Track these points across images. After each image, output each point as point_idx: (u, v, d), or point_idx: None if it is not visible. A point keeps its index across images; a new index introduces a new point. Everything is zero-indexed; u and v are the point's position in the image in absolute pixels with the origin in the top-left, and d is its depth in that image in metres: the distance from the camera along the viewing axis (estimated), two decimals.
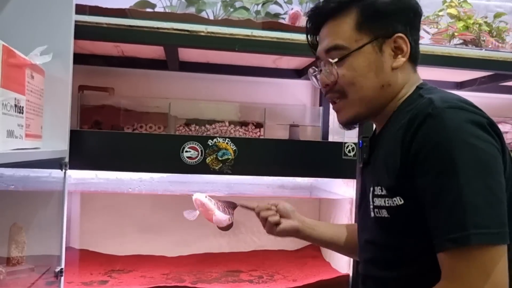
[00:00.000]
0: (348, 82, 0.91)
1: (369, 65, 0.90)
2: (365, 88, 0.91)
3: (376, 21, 0.91)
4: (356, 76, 0.90)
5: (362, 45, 0.90)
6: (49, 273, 1.28)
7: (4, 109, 0.86)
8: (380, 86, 0.91)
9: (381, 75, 0.91)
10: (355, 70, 0.90)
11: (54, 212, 1.29)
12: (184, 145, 1.38)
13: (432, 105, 0.80)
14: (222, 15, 1.70)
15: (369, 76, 0.90)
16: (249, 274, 1.74)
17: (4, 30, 1.17)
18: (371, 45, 0.90)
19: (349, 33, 0.91)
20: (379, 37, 0.91)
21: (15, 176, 1.32)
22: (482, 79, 1.93)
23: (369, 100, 0.92)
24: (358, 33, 0.90)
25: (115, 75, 1.88)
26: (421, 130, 0.79)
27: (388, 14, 0.92)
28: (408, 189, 0.80)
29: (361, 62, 0.90)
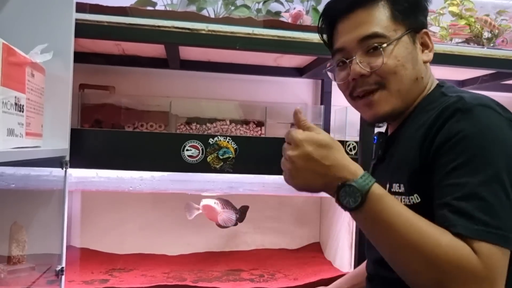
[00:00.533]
0: (390, 70, 0.88)
1: (408, 55, 0.89)
2: (404, 78, 0.89)
3: (409, 14, 0.91)
4: (398, 65, 0.88)
5: (401, 35, 0.89)
6: (50, 272, 1.28)
7: (4, 107, 0.86)
8: (415, 78, 0.90)
9: (417, 67, 0.90)
10: (397, 59, 0.88)
11: (55, 210, 1.29)
12: (185, 144, 1.38)
13: (462, 101, 0.78)
14: (223, 13, 1.70)
15: (408, 67, 0.89)
16: (250, 273, 1.74)
17: (4, 28, 1.17)
18: (407, 36, 0.90)
19: (386, 22, 0.89)
20: (411, 30, 0.90)
21: (15, 174, 1.32)
22: (484, 77, 1.92)
23: (406, 92, 0.90)
24: (394, 23, 0.89)
25: (115, 74, 1.88)
26: (448, 123, 0.77)
27: (417, 8, 0.92)
28: (427, 186, 0.78)
29: (402, 52, 0.89)
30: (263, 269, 1.79)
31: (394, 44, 0.88)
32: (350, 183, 0.71)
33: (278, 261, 1.90)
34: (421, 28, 0.92)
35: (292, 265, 1.85)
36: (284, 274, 1.74)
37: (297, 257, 1.95)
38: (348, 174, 0.72)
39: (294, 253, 2.02)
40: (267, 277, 1.71)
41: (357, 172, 0.73)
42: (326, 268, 1.81)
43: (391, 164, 0.92)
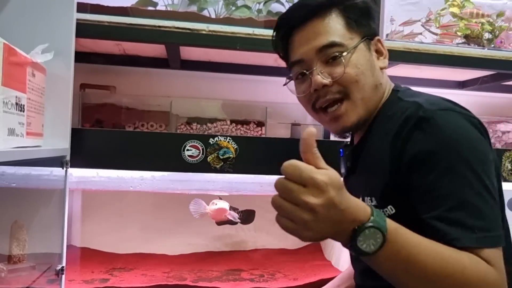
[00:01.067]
0: (352, 79, 0.88)
1: (367, 63, 0.90)
2: (366, 86, 0.89)
3: (362, 22, 0.92)
4: (358, 73, 0.88)
5: (358, 42, 0.89)
6: (50, 271, 1.29)
7: (5, 107, 0.86)
8: (375, 86, 0.90)
9: (375, 74, 0.91)
10: (357, 67, 0.88)
11: (55, 210, 1.29)
12: (186, 144, 1.38)
13: (422, 109, 0.78)
14: (224, 13, 1.70)
15: (368, 74, 0.89)
16: (250, 273, 1.74)
17: (5, 28, 1.17)
18: (363, 44, 0.90)
19: (342, 31, 0.89)
20: (366, 38, 0.91)
21: (16, 174, 1.32)
22: (485, 78, 1.92)
23: (369, 100, 0.90)
24: (349, 31, 0.90)
25: (116, 74, 1.88)
26: (415, 135, 0.77)
27: (369, 16, 0.93)
28: (401, 197, 0.78)
29: (361, 59, 0.89)
30: (263, 269, 1.79)
31: (352, 53, 0.88)
32: (368, 225, 0.62)
33: (278, 261, 1.90)
34: (374, 35, 0.93)
35: (292, 265, 1.85)
36: (284, 274, 1.74)
37: (297, 257, 1.95)
38: (363, 214, 0.63)
39: (294, 253, 2.02)
40: (267, 277, 1.71)
41: (366, 209, 0.64)
42: (326, 268, 1.82)
43: (362, 176, 0.93)
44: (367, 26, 0.92)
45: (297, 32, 0.93)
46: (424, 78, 2.00)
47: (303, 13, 0.91)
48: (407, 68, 1.75)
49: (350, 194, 0.66)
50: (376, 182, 0.84)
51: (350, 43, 0.89)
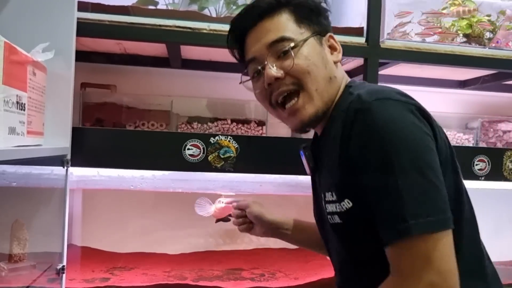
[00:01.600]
0: (303, 70, 0.90)
1: (318, 55, 0.92)
2: (319, 77, 0.91)
3: (311, 19, 0.95)
4: (309, 64, 0.90)
5: (308, 36, 0.92)
6: (51, 270, 1.29)
7: (5, 106, 0.86)
8: (328, 78, 0.92)
9: (328, 66, 0.93)
10: (307, 58, 0.90)
11: (56, 209, 1.29)
12: (186, 143, 1.38)
13: (360, 100, 0.80)
14: (225, 12, 1.70)
15: (320, 66, 0.91)
16: (251, 272, 1.74)
17: (6, 27, 1.17)
18: (313, 38, 0.93)
19: (292, 27, 0.92)
20: (317, 33, 0.94)
21: (17, 173, 1.32)
22: (486, 77, 1.92)
23: (323, 92, 0.91)
24: (299, 27, 0.93)
25: (117, 73, 1.88)
26: (354, 128, 0.79)
27: (319, 14, 0.96)
28: (354, 190, 0.80)
29: (311, 52, 0.91)
30: (264, 268, 1.79)
31: (301, 45, 0.91)
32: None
33: (279, 260, 1.90)
34: (325, 32, 0.96)
35: (293, 264, 1.85)
36: (285, 274, 1.74)
37: (298, 257, 1.95)
38: None
39: (295, 253, 2.01)
40: (267, 276, 1.71)
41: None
42: (327, 267, 1.81)
43: (322, 173, 0.95)
44: (318, 23, 0.95)
45: (249, 33, 0.96)
46: (425, 77, 1.99)
47: (254, 14, 0.95)
48: (408, 68, 1.75)
49: (317, 194, 0.77)
50: (332, 178, 0.86)
51: (300, 37, 0.92)
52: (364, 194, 0.78)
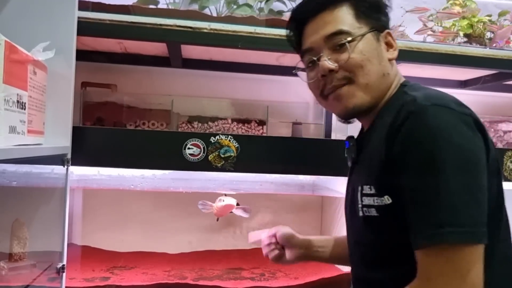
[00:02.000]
0: (357, 64, 0.91)
1: (373, 51, 0.93)
2: (371, 72, 0.92)
3: (371, 14, 0.95)
4: (364, 59, 0.91)
5: (365, 31, 0.93)
6: (51, 269, 1.29)
7: (6, 105, 0.86)
8: (382, 74, 0.93)
9: (383, 63, 0.94)
10: (363, 53, 0.91)
11: (56, 208, 1.29)
12: (187, 142, 1.38)
13: (415, 103, 0.80)
14: (225, 12, 1.70)
15: (374, 62, 0.92)
16: (251, 272, 1.74)
17: (6, 26, 1.17)
18: (371, 34, 0.94)
19: (351, 20, 0.93)
20: (374, 29, 0.94)
21: (17, 172, 1.32)
22: (486, 77, 1.92)
23: (374, 87, 0.92)
24: (358, 21, 0.93)
25: (117, 72, 1.88)
26: (403, 128, 0.79)
27: (379, 10, 0.97)
28: (395, 188, 0.80)
29: (367, 47, 0.92)
30: (264, 268, 1.79)
31: (358, 40, 0.92)
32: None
33: None
34: (383, 28, 0.96)
35: (293, 264, 1.84)
36: (285, 273, 1.74)
37: None
38: None
39: None
40: (267, 276, 1.71)
41: None
42: (327, 267, 1.81)
43: (363, 166, 0.95)
44: (376, 18, 0.96)
45: (309, 23, 0.97)
46: (426, 77, 1.99)
47: (315, 5, 0.96)
48: (409, 67, 1.75)
49: (352, 184, 0.77)
50: (373, 172, 0.86)
51: (357, 32, 0.92)
52: (403, 193, 0.78)
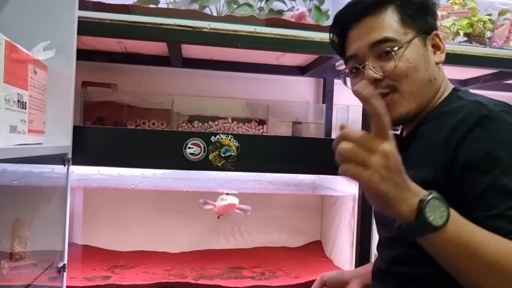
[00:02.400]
0: (402, 73, 0.89)
1: (420, 58, 0.90)
2: (417, 80, 0.89)
3: (418, 17, 0.92)
4: (409, 68, 0.88)
5: (412, 38, 0.90)
6: (52, 269, 1.29)
7: (7, 104, 0.86)
8: (428, 80, 0.91)
9: (429, 68, 0.91)
10: (409, 61, 0.89)
11: (57, 207, 1.29)
12: (187, 142, 1.38)
13: (485, 108, 0.79)
14: (226, 11, 1.70)
15: (420, 69, 0.90)
16: (251, 271, 1.74)
17: (7, 25, 1.17)
18: (418, 39, 0.91)
19: (396, 26, 0.90)
20: (422, 32, 0.91)
21: (18, 171, 1.33)
22: (486, 77, 1.92)
23: (419, 94, 0.90)
24: (404, 27, 0.90)
25: (118, 71, 1.88)
26: (475, 132, 0.77)
27: (426, 11, 0.93)
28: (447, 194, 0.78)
29: (414, 54, 0.89)
30: (264, 267, 1.79)
31: (405, 47, 0.89)
32: (433, 196, 0.65)
33: (279, 259, 1.90)
34: (431, 30, 0.93)
35: (293, 263, 1.85)
36: (285, 272, 1.75)
37: (298, 255, 1.96)
38: (423, 191, 0.67)
39: (295, 251, 2.02)
40: (268, 275, 1.71)
41: (423, 189, 0.68)
42: (327, 266, 1.82)
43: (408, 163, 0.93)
44: (423, 21, 0.92)
45: (352, 28, 0.94)
46: None
47: (358, 10, 0.92)
48: None
49: None
50: (419, 174, 0.81)
51: (403, 39, 0.89)
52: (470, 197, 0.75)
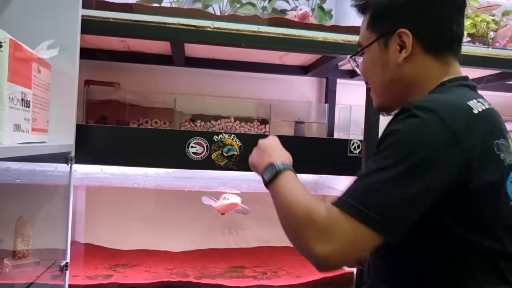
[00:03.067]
0: (365, 75, 0.99)
1: (375, 62, 0.95)
2: (376, 81, 0.96)
3: (382, 19, 0.93)
4: (366, 72, 0.97)
5: (369, 43, 0.95)
6: (55, 267, 1.29)
7: (11, 102, 0.86)
8: (389, 80, 0.93)
9: (387, 70, 0.93)
10: (366, 66, 0.97)
11: (60, 206, 1.30)
12: (190, 141, 1.38)
13: (414, 102, 0.80)
14: (229, 10, 1.70)
15: (376, 71, 0.95)
16: (253, 270, 1.75)
17: (11, 24, 1.17)
18: (376, 43, 0.93)
19: (364, 32, 0.97)
20: (384, 35, 0.92)
21: (21, 169, 1.33)
22: (489, 77, 1.92)
23: (383, 92, 0.96)
24: (369, 32, 0.95)
25: (121, 70, 1.88)
26: (390, 123, 0.82)
27: (393, 10, 0.91)
28: None
29: (369, 59, 0.96)
30: (266, 267, 1.79)
31: (365, 52, 0.96)
32: (274, 164, 0.91)
33: (281, 258, 1.90)
34: (396, 29, 0.90)
35: (295, 262, 1.85)
36: (287, 272, 1.75)
37: (300, 255, 1.95)
38: (274, 160, 0.92)
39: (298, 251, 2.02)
40: (270, 274, 1.71)
41: (282, 161, 0.92)
42: None
43: None
44: (387, 22, 0.92)
45: None
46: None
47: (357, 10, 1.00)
48: None
49: None
50: None
51: (365, 43, 0.96)
52: None
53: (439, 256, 0.80)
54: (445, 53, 0.91)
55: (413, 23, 0.90)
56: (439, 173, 0.73)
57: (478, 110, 0.80)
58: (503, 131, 0.84)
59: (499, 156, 0.79)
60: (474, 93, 0.88)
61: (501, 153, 0.79)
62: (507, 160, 0.80)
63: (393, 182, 0.73)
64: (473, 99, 0.83)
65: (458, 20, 0.91)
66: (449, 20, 0.90)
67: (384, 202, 0.72)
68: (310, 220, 0.76)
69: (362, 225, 0.72)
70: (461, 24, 0.92)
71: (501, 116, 0.87)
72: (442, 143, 0.74)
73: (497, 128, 0.83)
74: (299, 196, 0.83)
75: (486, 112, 0.82)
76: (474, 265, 0.78)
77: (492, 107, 0.85)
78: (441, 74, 0.92)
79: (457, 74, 0.92)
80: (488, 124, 0.80)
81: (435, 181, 0.73)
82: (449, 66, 0.92)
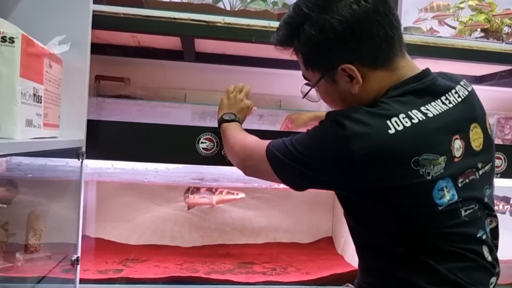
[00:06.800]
0: (326, 103, 1.02)
1: (332, 94, 0.96)
2: (339, 108, 0.97)
3: (317, 59, 0.92)
4: (328, 102, 1.00)
5: (317, 81, 0.94)
6: (66, 261, 1.30)
7: (23, 98, 0.87)
8: (350, 105, 0.93)
9: (347, 98, 0.93)
10: (325, 98, 0.99)
11: (71, 200, 1.31)
12: (200, 136, 1.38)
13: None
14: (239, 6, 1.69)
15: (337, 102, 0.97)
16: (263, 266, 1.75)
17: (23, 19, 1.17)
18: (324, 80, 0.93)
19: (303, 68, 0.97)
20: (326, 71, 0.91)
21: (33, 164, 1.34)
22: (503, 73, 1.89)
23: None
24: (310, 70, 0.94)
25: (131, 65, 1.89)
26: None
27: (324, 52, 0.89)
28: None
29: (325, 93, 0.98)
30: (275, 263, 1.79)
31: (317, 87, 0.97)
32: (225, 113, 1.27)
33: (291, 255, 1.90)
34: (336, 66, 0.88)
35: (304, 259, 1.85)
36: (296, 268, 1.74)
37: (310, 251, 1.95)
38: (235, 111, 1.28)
39: (307, 247, 2.02)
40: (279, 270, 1.71)
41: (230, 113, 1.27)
42: (338, 262, 1.81)
43: None
44: (324, 60, 0.90)
45: None
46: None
47: None
48: (424, 62, 1.71)
49: None
50: None
51: (313, 79, 0.96)
52: None
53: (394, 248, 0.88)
54: (392, 59, 0.89)
55: (350, 55, 0.87)
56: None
57: (397, 128, 0.80)
58: (431, 142, 0.81)
59: (418, 172, 0.79)
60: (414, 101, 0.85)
61: (420, 169, 0.79)
62: (431, 173, 0.80)
63: (295, 162, 0.90)
64: (400, 114, 0.81)
65: (390, 22, 0.87)
66: (383, 31, 0.85)
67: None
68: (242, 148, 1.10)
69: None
70: (394, 21, 0.87)
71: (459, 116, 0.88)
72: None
73: (421, 143, 0.81)
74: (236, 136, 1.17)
75: (412, 127, 0.80)
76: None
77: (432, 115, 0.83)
78: (392, 82, 0.89)
79: (406, 75, 0.89)
80: (403, 144, 0.80)
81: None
82: (398, 69, 0.89)
